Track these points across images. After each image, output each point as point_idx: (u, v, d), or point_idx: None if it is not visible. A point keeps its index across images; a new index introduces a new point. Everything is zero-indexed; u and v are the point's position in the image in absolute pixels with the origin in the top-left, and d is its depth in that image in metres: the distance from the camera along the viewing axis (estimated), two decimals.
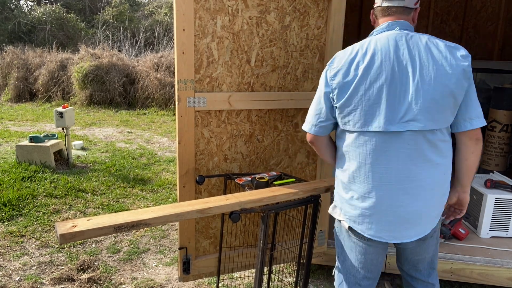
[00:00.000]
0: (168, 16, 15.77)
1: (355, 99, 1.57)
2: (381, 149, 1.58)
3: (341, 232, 1.81)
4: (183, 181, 2.36)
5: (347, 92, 1.57)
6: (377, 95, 1.54)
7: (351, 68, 1.57)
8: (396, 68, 1.53)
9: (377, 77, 1.53)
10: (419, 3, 1.85)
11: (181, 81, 2.22)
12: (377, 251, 1.75)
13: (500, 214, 2.93)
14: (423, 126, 1.54)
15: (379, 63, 1.53)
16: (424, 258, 1.83)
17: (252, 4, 2.26)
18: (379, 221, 1.64)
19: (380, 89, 1.53)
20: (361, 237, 1.71)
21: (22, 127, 7.96)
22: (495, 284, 2.67)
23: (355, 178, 1.66)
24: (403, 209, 1.61)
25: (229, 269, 2.62)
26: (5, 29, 14.66)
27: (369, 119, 1.56)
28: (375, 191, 1.61)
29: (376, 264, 1.79)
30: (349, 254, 1.80)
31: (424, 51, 1.53)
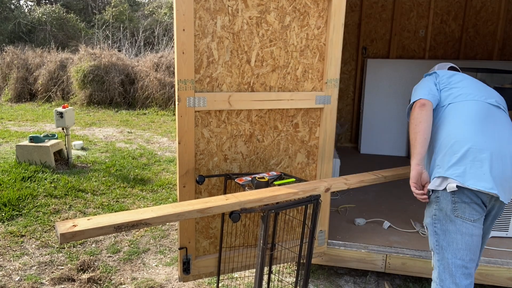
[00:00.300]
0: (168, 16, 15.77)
1: (461, 84, 2.05)
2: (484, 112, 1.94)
3: (447, 213, 1.86)
4: (183, 181, 2.36)
5: (453, 82, 2.10)
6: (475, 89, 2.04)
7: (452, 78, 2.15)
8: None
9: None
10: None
11: (181, 81, 2.22)
12: (479, 231, 1.85)
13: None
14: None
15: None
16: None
17: (252, 4, 2.26)
18: (495, 168, 1.78)
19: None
20: (473, 196, 1.79)
21: (22, 127, 7.96)
22: (495, 284, 2.67)
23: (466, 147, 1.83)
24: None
25: (229, 269, 2.62)
26: (5, 29, 14.66)
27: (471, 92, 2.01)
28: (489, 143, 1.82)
29: (478, 245, 1.87)
30: (454, 238, 1.85)
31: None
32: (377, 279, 2.98)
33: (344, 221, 3.27)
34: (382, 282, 2.94)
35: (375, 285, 2.92)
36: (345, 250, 2.82)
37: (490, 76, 4.11)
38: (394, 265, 2.76)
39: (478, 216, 1.82)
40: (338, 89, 2.53)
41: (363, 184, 2.26)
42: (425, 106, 1.97)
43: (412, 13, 5.17)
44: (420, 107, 1.97)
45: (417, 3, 5.13)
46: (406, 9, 5.18)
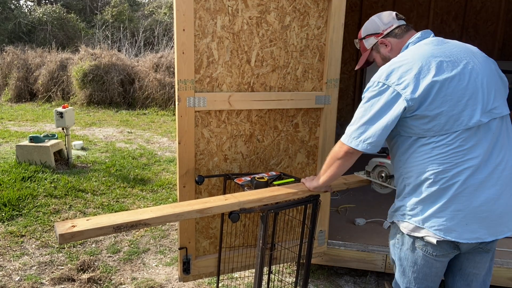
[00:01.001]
0: (168, 16, 15.77)
1: (438, 103, 1.52)
2: (470, 144, 1.54)
3: (412, 250, 1.69)
4: (183, 181, 2.36)
5: (427, 99, 1.52)
6: (459, 93, 1.53)
7: (422, 76, 1.53)
8: (462, 65, 1.56)
9: (452, 77, 1.54)
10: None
11: (181, 81, 2.22)
12: (444, 264, 1.71)
13: None
14: (501, 111, 1.58)
15: (445, 65, 1.55)
16: (480, 273, 1.76)
17: (252, 4, 2.26)
18: (478, 220, 1.56)
19: (459, 86, 1.53)
20: (445, 250, 1.62)
21: (22, 127, 7.96)
22: (495, 284, 2.66)
23: (441, 183, 1.56)
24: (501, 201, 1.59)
25: (229, 269, 2.62)
26: (5, 29, 14.67)
27: (456, 118, 1.52)
28: (470, 188, 1.54)
29: (439, 274, 1.74)
30: (415, 271, 1.71)
31: (466, 48, 1.64)
32: (377, 279, 2.98)
33: (344, 221, 3.27)
34: (382, 282, 2.94)
35: (375, 285, 2.92)
36: (345, 250, 2.82)
37: None
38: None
39: (442, 252, 1.64)
40: (338, 89, 2.53)
41: (362, 184, 2.26)
42: (353, 156, 1.68)
43: (412, 13, 5.17)
44: (348, 156, 1.67)
45: (417, 3, 5.13)
46: (406, 9, 5.18)
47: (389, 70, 1.59)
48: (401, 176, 1.70)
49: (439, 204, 1.57)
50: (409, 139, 1.63)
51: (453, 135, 1.53)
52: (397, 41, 1.76)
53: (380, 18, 1.85)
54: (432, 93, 1.52)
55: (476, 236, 1.56)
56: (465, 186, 1.53)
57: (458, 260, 1.74)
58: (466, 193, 1.54)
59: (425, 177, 1.58)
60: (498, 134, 1.57)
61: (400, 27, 1.78)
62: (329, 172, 1.77)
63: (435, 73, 1.53)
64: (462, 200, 1.54)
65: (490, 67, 1.62)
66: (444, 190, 1.55)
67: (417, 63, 1.56)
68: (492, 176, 1.55)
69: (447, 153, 1.54)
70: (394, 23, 1.78)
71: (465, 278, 1.76)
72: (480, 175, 1.54)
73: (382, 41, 1.80)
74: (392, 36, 1.78)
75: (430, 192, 1.58)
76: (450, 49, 1.61)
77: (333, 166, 1.74)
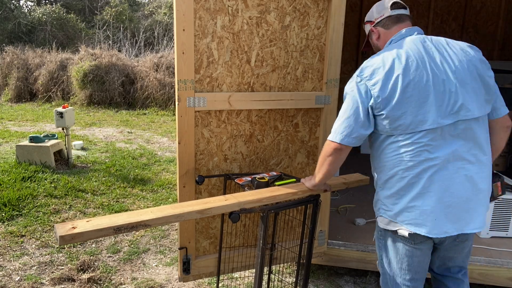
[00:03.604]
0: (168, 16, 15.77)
1: (403, 103, 1.58)
2: (436, 144, 1.60)
3: (393, 241, 1.77)
4: (183, 181, 2.36)
5: (393, 98, 1.59)
6: (424, 94, 1.57)
7: (392, 75, 1.60)
8: (433, 66, 1.60)
9: (420, 78, 1.58)
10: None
11: (181, 81, 2.21)
12: (424, 252, 1.76)
13: (500, 214, 2.93)
14: (472, 113, 1.60)
15: (416, 64, 1.59)
16: (458, 256, 1.85)
17: (252, 4, 2.26)
18: (445, 214, 1.63)
19: (425, 87, 1.58)
20: (419, 240, 1.68)
21: (22, 127, 7.96)
22: (495, 284, 2.67)
23: (408, 179, 1.64)
24: (466, 198, 1.64)
25: (229, 269, 2.62)
26: (5, 29, 14.66)
27: (421, 119, 1.58)
28: (436, 184, 1.61)
29: (423, 265, 1.80)
30: (398, 261, 1.78)
31: (449, 47, 1.65)
32: (377, 279, 2.98)
33: (344, 221, 3.27)
34: None
35: (375, 285, 2.92)
36: (345, 250, 2.82)
37: None
38: None
39: (420, 240, 1.70)
40: (338, 89, 2.53)
41: (362, 183, 2.26)
42: (342, 152, 1.72)
43: (412, 13, 5.17)
44: (337, 152, 1.71)
45: (417, 3, 5.13)
46: None
47: (365, 65, 1.68)
48: (374, 170, 1.80)
49: (408, 199, 1.65)
50: (380, 136, 1.71)
51: (419, 134, 1.60)
52: (384, 31, 1.80)
53: (377, 6, 1.87)
54: (397, 92, 1.58)
55: (444, 230, 1.63)
56: (430, 183, 1.60)
57: (436, 250, 1.82)
58: (432, 190, 1.61)
59: (393, 172, 1.67)
60: (465, 135, 1.62)
61: (390, 18, 1.78)
62: (323, 170, 1.81)
63: (404, 73, 1.58)
64: (429, 196, 1.61)
65: (470, 70, 1.63)
66: (411, 186, 1.63)
67: (390, 62, 1.61)
68: (458, 174, 1.61)
69: (413, 151, 1.61)
70: (386, 13, 1.79)
71: (442, 260, 1.87)
72: (446, 172, 1.60)
73: (372, 30, 1.85)
74: (380, 25, 1.81)
75: (399, 187, 1.66)
76: (428, 50, 1.64)
77: (325, 164, 1.78)
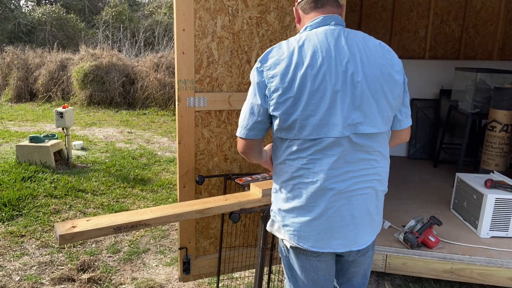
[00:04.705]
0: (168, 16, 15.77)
1: (299, 106, 1.39)
2: (328, 154, 1.43)
3: (293, 256, 1.61)
4: (183, 181, 2.36)
5: (289, 98, 1.39)
6: (323, 99, 1.38)
7: (290, 69, 1.39)
8: (339, 67, 1.40)
9: (322, 78, 1.38)
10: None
11: (181, 81, 2.21)
12: (326, 264, 1.61)
13: (500, 214, 2.93)
14: (377, 128, 1.45)
15: (321, 61, 1.39)
16: (360, 270, 1.71)
17: (252, 4, 2.26)
18: (331, 229, 1.50)
19: (325, 91, 1.38)
20: (309, 253, 1.55)
21: (22, 127, 7.96)
22: (495, 284, 2.67)
23: (296, 188, 1.50)
24: (354, 213, 1.51)
25: (229, 269, 2.62)
26: (5, 29, 14.66)
27: (317, 126, 1.40)
28: (324, 198, 1.47)
29: (329, 278, 1.64)
30: (300, 275, 1.61)
31: (363, 47, 1.44)
32: (377, 279, 2.98)
33: None
34: (382, 282, 2.94)
35: (375, 285, 2.92)
36: None
37: (490, 76, 4.11)
38: (394, 265, 2.76)
39: (320, 253, 1.55)
40: None
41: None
42: (249, 156, 1.58)
43: (412, 13, 5.17)
44: (244, 154, 1.58)
45: (417, 3, 5.13)
46: (406, 9, 5.18)
47: (269, 52, 1.48)
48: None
49: (294, 208, 1.51)
50: (275, 138, 1.55)
51: (307, 143, 1.43)
52: (303, 14, 1.58)
53: None
54: (293, 91, 1.39)
55: (330, 246, 1.51)
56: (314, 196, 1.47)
57: (339, 263, 1.68)
58: (316, 203, 1.47)
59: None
60: (348, 150, 1.44)
61: (307, 2, 1.55)
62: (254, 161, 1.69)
63: (304, 71, 1.38)
64: (314, 209, 1.47)
65: (379, 78, 1.43)
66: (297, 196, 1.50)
67: (294, 54, 1.41)
68: (343, 189, 1.46)
69: (303, 159, 1.45)
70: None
71: (346, 276, 1.72)
72: (330, 186, 1.45)
73: (296, 10, 1.62)
74: (300, 7, 1.59)
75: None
76: (338, 47, 1.42)
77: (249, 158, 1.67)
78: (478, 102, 4.11)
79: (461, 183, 3.29)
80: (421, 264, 2.71)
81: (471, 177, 3.24)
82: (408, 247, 2.79)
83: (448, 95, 4.83)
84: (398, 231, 3.00)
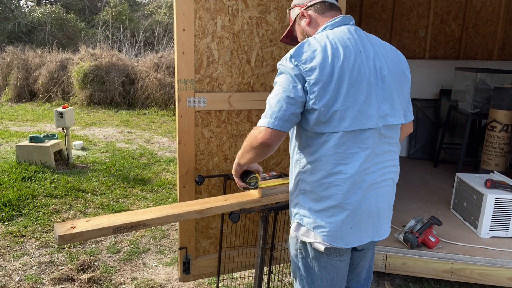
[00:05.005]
0: (168, 16, 15.77)
1: (339, 97, 1.41)
2: (363, 147, 1.47)
3: (312, 255, 1.60)
4: (183, 181, 2.36)
5: (329, 90, 1.41)
6: (360, 91, 1.43)
7: (328, 62, 1.42)
8: (370, 61, 1.47)
9: (358, 71, 1.43)
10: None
11: (181, 81, 2.21)
12: (345, 263, 1.64)
13: (500, 214, 2.93)
14: (400, 119, 1.55)
15: (354, 55, 1.44)
16: (366, 263, 1.77)
17: (252, 4, 2.26)
18: (366, 223, 1.53)
19: (362, 83, 1.43)
20: (339, 252, 1.56)
21: (22, 127, 7.95)
22: (495, 284, 2.67)
23: (333, 185, 1.49)
24: (380, 204, 1.57)
25: (229, 269, 2.62)
26: (5, 29, 14.66)
27: (356, 117, 1.43)
28: (358, 192, 1.48)
29: (344, 277, 1.67)
30: (319, 275, 1.61)
31: (381, 45, 1.57)
32: (377, 279, 2.98)
33: None
34: (382, 282, 2.94)
35: (375, 285, 2.92)
36: None
37: (490, 76, 4.10)
38: (394, 265, 2.76)
39: (344, 251, 1.58)
40: None
41: None
42: (270, 148, 1.52)
43: (412, 13, 5.17)
44: (264, 147, 1.52)
45: (417, 3, 5.13)
46: (406, 9, 5.18)
47: (300, 47, 1.48)
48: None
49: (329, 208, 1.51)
50: (307, 135, 1.55)
51: (346, 136, 1.46)
52: (317, 15, 1.61)
53: None
54: (333, 83, 1.41)
55: (360, 239, 1.54)
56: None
57: (351, 258, 1.70)
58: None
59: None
60: (377, 142, 1.50)
61: (324, 3, 1.61)
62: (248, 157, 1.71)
63: (341, 64, 1.42)
64: (350, 206, 1.49)
65: (398, 73, 1.54)
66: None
67: (327, 49, 1.44)
68: (373, 181, 1.50)
69: (340, 155, 1.47)
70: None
71: (356, 271, 1.76)
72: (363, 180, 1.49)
73: (303, 13, 1.65)
74: (313, 9, 1.63)
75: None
76: (364, 43, 1.51)
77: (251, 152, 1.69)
78: (478, 102, 4.11)
79: (461, 183, 3.29)
80: (421, 264, 2.71)
81: (471, 177, 3.24)
82: (408, 247, 2.79)
83: (448, 95, 4.83)
84: (398, 231, 3.00)
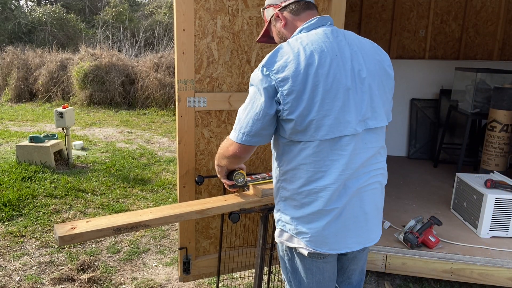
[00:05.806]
0: (168, 16, 15.76)
1: (314, 106, 1.37)
2: (343, 154, 1.42)
3: (296, 257, 1.58)
4: (183, 181, 2.36)
5: (303, 99, 1.36)
6: (337, 98, 1.38)
7: (301, 70, 1.36)
8: (346, 65, 1.41)
9: (333, 77, 1.38)
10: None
11: (181, 81, 2.21)
12: (332, 265, 1.60)
13: (500, 214, 2.93)
14: (382, 122, 1.49)
15: (329, 60, 1.38)
16: (358, 267, 1.73)
17: (252, 4, 2.26)
18: (354, 228, 1.50)
19: (338, 89, 1.38)
20: (324, 255, 1.53)
21: (22, 127, 7.95)
22: (495, 284, 2.67)
23: (313, 193, 1.46)
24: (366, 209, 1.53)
25: (229, 269, 2.62)
26: (5, 29, 14.66)
27: (333, 125, 1.39)
28: (341, 198, 1.45)
29: (333, 278, 1.64)
30: (304, 277, 1.58)
31: (359, 45, 1.47)
32: (377, 279, 2.98)
33: None
34: (382, 282, 2.94)
35: (375, 285, 2.92)
36: None
37: (490, 76, 4.10)
38: (394, 265, 2.76)
39: (329, 254, 1.54)
40: None
41: None
42: (242, 159, 1.57)
43: (412, 13, 5.17)
44: (235, 158, 1.54)
45: (417, 3, 5.13)
46: (406, 9, 5.18)
47: (272, 56, 1.42)
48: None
49: (310, 215, 1.48)
50: (285, 143, 1.51)
51: (323, 144, 1.43)
52: (293, 17, 1.54)
53: None
54: (307, 92, 1.36)
55: (347, 246, 1.51)
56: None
57: (340, 261, 1.68)
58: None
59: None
60: (360, 147, 1.47)
61: (299, 3, 1.54)
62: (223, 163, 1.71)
63: (315, 71, 1.36)
64: (332, 212, 1.46)
65: (378, 73, 1.47)
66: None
67: (300, 56, 1.38)
68: (357, 187, 1.47)
69: (319, 162, 1.44)
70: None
71: (346, 274, 1.72)
72: (347, 185, 1.45)
73: (278, 14, 1.58)
74: (288, 11, 1.55)
75: None
76: (340, 45, 1.43)
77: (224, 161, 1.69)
78: (478, 102, 4.11)
79: (461, 183, 3.29)
80: (421, 264, 2.71)
81: (471, 177, 3.24)
82: (408, 247, 2.79)
83: (448, 95, 4.83)
84: (398, 231, 3.00)
